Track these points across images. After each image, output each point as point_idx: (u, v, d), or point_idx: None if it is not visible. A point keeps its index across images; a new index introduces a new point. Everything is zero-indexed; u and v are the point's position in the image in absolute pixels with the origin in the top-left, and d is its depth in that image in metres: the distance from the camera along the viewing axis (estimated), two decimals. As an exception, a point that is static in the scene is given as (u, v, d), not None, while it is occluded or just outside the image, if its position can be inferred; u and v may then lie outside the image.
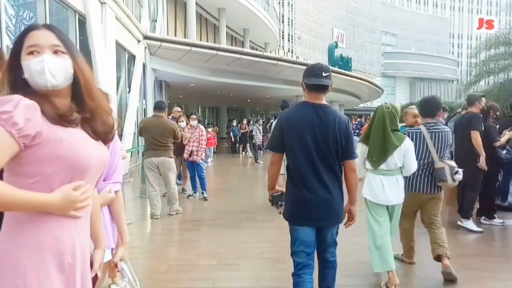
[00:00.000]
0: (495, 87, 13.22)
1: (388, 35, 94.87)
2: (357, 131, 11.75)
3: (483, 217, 4.98)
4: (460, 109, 6.57)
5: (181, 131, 6.85)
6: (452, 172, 3.24)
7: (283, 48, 57.11)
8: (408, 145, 3.04)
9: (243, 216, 5.44)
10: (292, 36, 64.52)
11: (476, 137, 4.51)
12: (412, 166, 3.07)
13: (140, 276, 3.35)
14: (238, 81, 18.14)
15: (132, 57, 11.71)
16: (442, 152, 3.32)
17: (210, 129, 14.32)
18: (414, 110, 3.89)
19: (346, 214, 2.44)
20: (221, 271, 3.45)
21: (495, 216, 4.97)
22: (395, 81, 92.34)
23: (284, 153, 2.39)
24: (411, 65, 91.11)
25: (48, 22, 6.33)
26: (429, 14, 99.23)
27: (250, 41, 30.40)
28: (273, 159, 2.41)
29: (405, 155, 3.02)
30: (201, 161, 6.65)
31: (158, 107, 5.39)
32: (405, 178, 3.22)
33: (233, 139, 17.44)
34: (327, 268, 2.47)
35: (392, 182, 3.05)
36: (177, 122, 6.83)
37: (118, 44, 10.21)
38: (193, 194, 6.87)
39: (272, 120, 15.44)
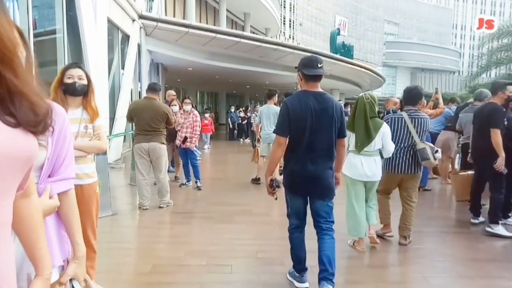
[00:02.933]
0: (502, 78, 12.73)
1: (391, 24, 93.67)
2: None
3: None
4: (472, 99, 6.15)
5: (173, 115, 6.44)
6: (433, 151, 3.64)
7: (284, 35, 56.14)
8: (385, 128, 3.52)
9: (238, 209, 5.06)
10: (293, 22, 63.44)
11: (496, 137, 3.98)
12: (391, 147, 3.52)
13: (119, 277, 3.01)
14: (237, 66, 17.61)
15: (126, 37, 11.18)
16: (421, 136, 3.69)
17: (207, 115, 13.88)
18: (395, 98, 5.61)
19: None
20: (210, 274, 3.07)
21: (510, 215, 4.60)
22: (396, 71, 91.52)
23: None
24: (413, 55, 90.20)
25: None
26: (433, 3, 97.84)
27: (250, 26, 29.66)
28: (280, 141, 2.67)
29: (384, 138, 3.49)
30: (195, 148, 6.24)
31: (151, 88, 4.93)
32: (388, 160, 3.69)
33: (231, 126, 17.03)
34: (324, 236, 2.70)
35: (370, 162, 3.50)
36: (169, 106, 6.41)
37: (110, 22, 9.68)
38: (186, 183, 6.48)
39: (257, 106, 14.90)
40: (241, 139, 16.30)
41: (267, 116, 6.60)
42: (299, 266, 2.82)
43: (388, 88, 76.82)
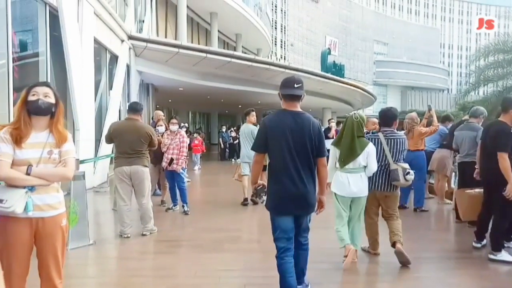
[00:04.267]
0: (493, 95, 12.77)
1: (380, 44, 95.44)
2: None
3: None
4: (466, 116, 6.00)
5: (158, 136, 6.18)
6: (404, 173, 3.73)
7: (276, 55, 56.74)
8: (370, 148, 3.64)
9: (226, 236, 4.76)
10: (284, 43, 64.33)
11: (504, 162, 3.66)
12: (373, 166, 3.64)
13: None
14: (228, 86, 17.53)
15: (114, 58, 11.01)
16: (397, 156, 3.82)
17: (196, 135, 13.66)
18: (374, 119, 5.85)
19: (317, 203, 2.82)
20: (192, 313, 2.76)
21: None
22: (387, 89, 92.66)
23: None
24: (402, 74, 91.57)
25: (9, 12, 5.62)
26: (420, 24, 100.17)
27: (242, 46, 29.90)
28: (257, 158, 2.80)
29: (368, 157, 3.61)
30: (181, 170, 5.96)
31: (132, 108, 4.67)
32: (368, 178, 3.74)
33: (222, 146, 16.79)
34: (301, 250, 2.85)
35: (356, 178, 3.63)
36: (155, 126, 6.16)
37: (98, 43, 9.53)
38: (173, 207, 6.16)
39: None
40: (233, 159, 16.01)
41: (245, 135, 6.72)
42: None
43: (379, 106, 77.26)
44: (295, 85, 2.69)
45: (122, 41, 11.44)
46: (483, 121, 5.48)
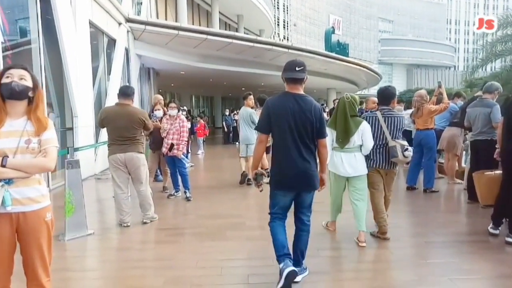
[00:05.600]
0: (504, 70, 12.32)
1: (385, 21, 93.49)
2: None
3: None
4: (479, 92, 5.70)
5: (156, 121, 5.97)
6: (403, 149, 3.78)
7: (279, 36, 55.72)
8: (365, 126, 3.73)
9: (230, 222, 4.60)
10: (287, 23, 63.09)
11: None
12: (369, 144, 3.72)
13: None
14: (231, 68, 17.18)
15: (112, 41, 10.71)
16: (395, 134, 3.87)
17: (199, 119, 13.46)
18: (374, 98, 6.11)
19: (319, 181, 2.91)
20: (192, 307, 2.60)
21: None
22: (392, 68, 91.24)
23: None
24: (408, 52, 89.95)
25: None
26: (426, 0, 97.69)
27: (244, 27, 29.29)
28: (261, 138, 2.86)
29: (363, 135, 3.70)
30: (182, 156, 5.78)
31: (123, 93, 4.41)
32: (367, 157, 3.83)
33: (226, 129, 16.57)
34: (302, 231, 2.92)
35: (350, 158, 3.72)
36: (152, 110, 5.94)
37: (94, 27, 9.24)
38: (175, 194, 6.01)
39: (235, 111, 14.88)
40: (237, 143, 15.79)
41: (243, 118, 6.90)
42: (283, 251, 2.83)
43: (385, 85, 76.45)
44: (297, 68, 2.75)
45: (120, 24, 11.12)
46: (497, 97, 5.20)
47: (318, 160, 2.89)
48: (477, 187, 4.45)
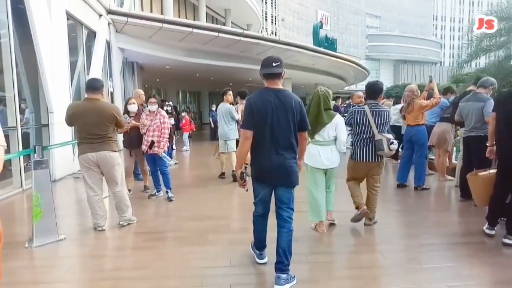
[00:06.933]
0: (492, 65, 12.26)
1: (372, 17, 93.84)
2: (345, 114, 10.73)
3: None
4: (472, 87, 5.52)
5: (131, 116, 5.64)
6: (388, 143, 3.89)
7: (267, 30, 55.29)
8: (338, 120, 3.86)
9: (213, 224, 4.32)
10: (275, 18, 62.69)
11: None
12: (343, 136, 3.86)
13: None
14: (217, 63, 16.80)
15: (92, 34, 10.26)
16: (381, 127, 3.98)
17: (183, 114, 13.11)
18: (359, 93, 6.71)
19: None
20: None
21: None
22: (379, 63, 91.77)
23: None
24: (395, 48, 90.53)
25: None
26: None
27: (232, 22, 28.84)
28: (247, 135, 2.82)
29: (337, 127, 3.84)
30: (164, 154, 5.47)
31: (91, 86, 4.03)
32: (353, 150, 4.07)
33: (212, 125, 16.23)
34: (282, 228, 2.87)
35: (327, 151, 3.87)
36: (126, 104, 5.60)
37: (72, 18, 8.80)
38: (156, 194, 5.70)
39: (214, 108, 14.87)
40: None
41: (222, 114, 6.91)
42: (260, 244, 3.16)
43: (373, 80, 76.84)
44: (274, 64, 2.78)
45: (100, 15, 10.66)
46: (491, 93, 5.02)
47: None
48: (472, 190, 4.21)
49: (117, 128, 4.15)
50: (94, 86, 4.02)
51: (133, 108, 5.67)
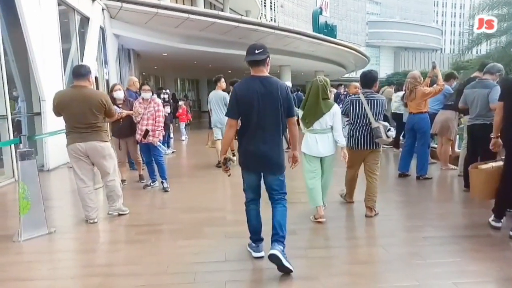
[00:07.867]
0: (496, 51, 12.00)
1: (372, 3, 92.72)
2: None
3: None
4: (477, 73, 5.32)
5: (119, 104, 5.44)
6: (386, 130, 3.96)
7: (266, 17, 54.54)
8: (336, 109, 3.91)
9: (209, 216, 4.18)
10: (274, 4, 61.81)
11: None
12: (338, 126, 3.91)
13: None
14: (216, 50, 16.49)
15: (86, 20, 9.97)
16: (377, 116, 4.04)
17: (181, 103, 12.87)
18: (356, 83, 6.77)
19: (291, 159, 3.09)
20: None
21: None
22: (380, 50, 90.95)
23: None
24: (395, 34, 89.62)
25: None
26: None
27: (230, 8, 28.37)
28: (231, 123, 2.88)
29: (334, 117, 3.89)
30: (159, 143, 5.30)
31: (76, 73, 3.82)
32: (350, 138, 4.13)
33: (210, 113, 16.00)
34: (276, 205, 2.94)
35: (324, 139, 3.91)
36: (111, 91, 5.38)
37: (64, 3, 8.52)
38: (151, 184, 5.55)
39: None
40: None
41: (215, 101, 6.87)
42: (255, 237, 3.08)
43: (372, 68, 76.43)
44: (256, 51, 2.79)
45: (94, 0, 10.35)
46: (498, 79, 4.82)
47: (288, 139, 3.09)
48: (474, 184, 4.01)
49: (106, 117, 3.95)
50: (79, 72, 3.81)
51: (119, 94, 5.43)
